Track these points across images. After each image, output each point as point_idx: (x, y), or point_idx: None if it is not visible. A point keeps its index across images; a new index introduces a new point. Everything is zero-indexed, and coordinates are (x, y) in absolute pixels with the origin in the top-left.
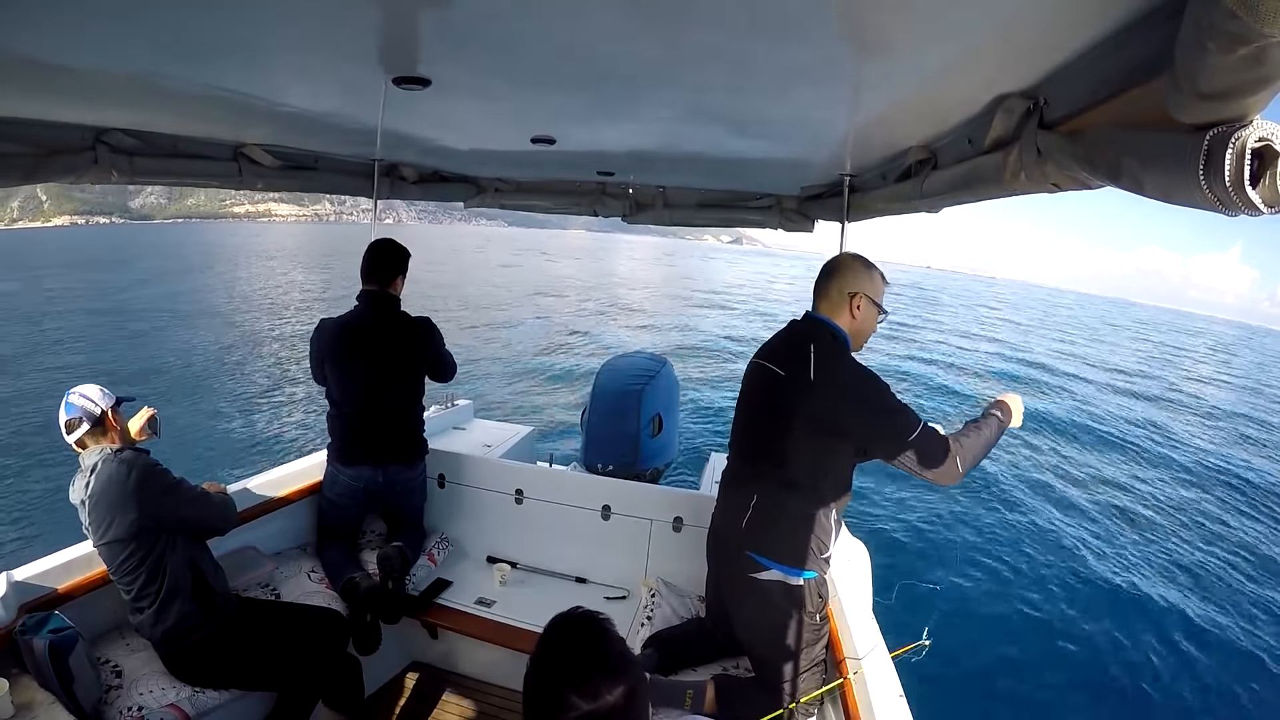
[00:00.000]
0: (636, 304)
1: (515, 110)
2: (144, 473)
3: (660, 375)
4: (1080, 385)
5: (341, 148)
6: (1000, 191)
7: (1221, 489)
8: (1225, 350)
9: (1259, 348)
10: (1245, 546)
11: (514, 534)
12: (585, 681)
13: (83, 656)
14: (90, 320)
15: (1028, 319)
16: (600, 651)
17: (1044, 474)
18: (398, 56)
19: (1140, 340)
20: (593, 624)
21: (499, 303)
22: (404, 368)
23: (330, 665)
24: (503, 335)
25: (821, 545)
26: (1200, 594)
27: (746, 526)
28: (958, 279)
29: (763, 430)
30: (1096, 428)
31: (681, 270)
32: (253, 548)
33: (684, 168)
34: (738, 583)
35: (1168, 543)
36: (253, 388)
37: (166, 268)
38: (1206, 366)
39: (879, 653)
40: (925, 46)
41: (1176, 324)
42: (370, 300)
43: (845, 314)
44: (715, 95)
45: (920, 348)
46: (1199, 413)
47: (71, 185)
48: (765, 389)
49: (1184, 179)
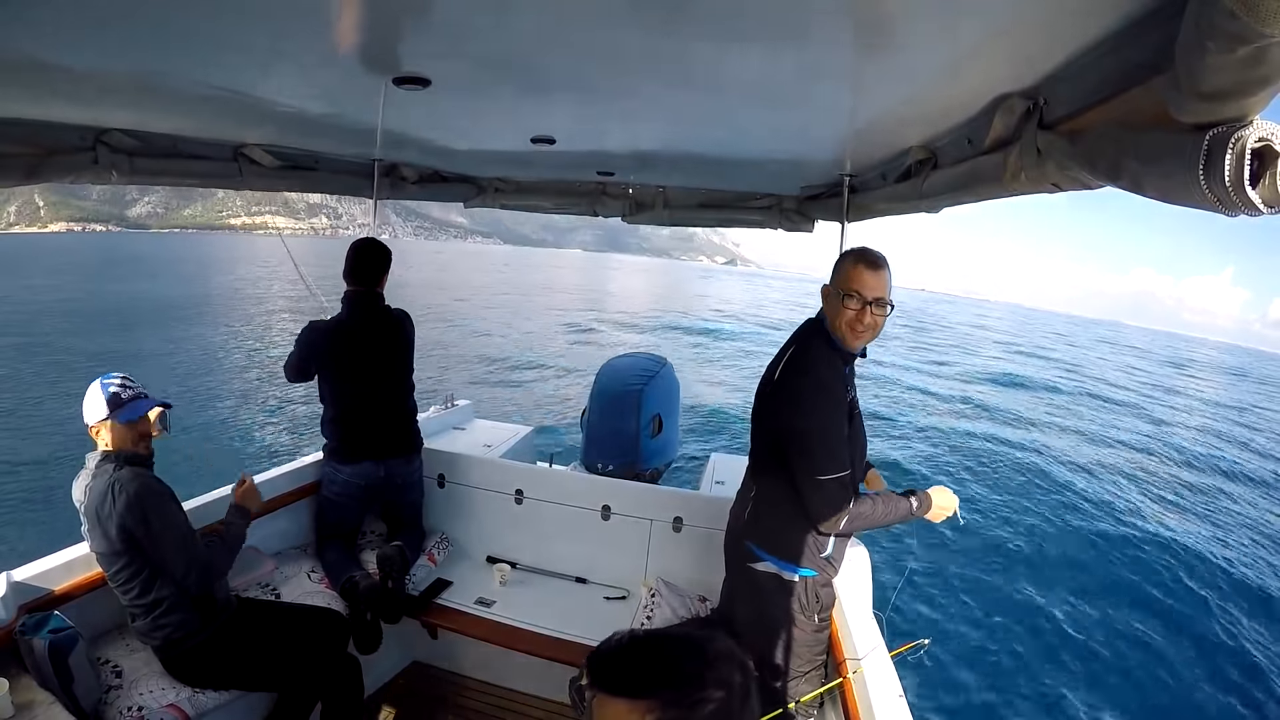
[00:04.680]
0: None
1: (515, 110)
2: (137, 499)
3: (660, 375)
4: (1072, 394)
5: (341, 148)
6: (1000, 191)
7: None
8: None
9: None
10: (1253, 542)
11: (514, 534)
12: (708, 654)
13: (83, 656)
14: (87, 321)
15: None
16: (675, 634)
17: (1046, 474)
18: (398, 56)
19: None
20: (635, 637)
21: (499, 302)
22: (396, 363)
23: (330, 665)
24: (503, 335)
25: (819, 544)
26: (1203, 595)
27: (747, 518)
28: (952, 301)
29: (753, 429)
30: (1094, 429)
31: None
32: (253, 548)
33: (684, 168)
34: (738, 575)
35: (1170, 543)
36: (249, 388)
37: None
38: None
39: (879, 652)
40: (925, 46)
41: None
42: (360, 300)
43: (826, 309)
44: (715, 95)
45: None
46: (1190, 418)
47: (68, 191)
48: (759, 387)
49: (1184, 179)
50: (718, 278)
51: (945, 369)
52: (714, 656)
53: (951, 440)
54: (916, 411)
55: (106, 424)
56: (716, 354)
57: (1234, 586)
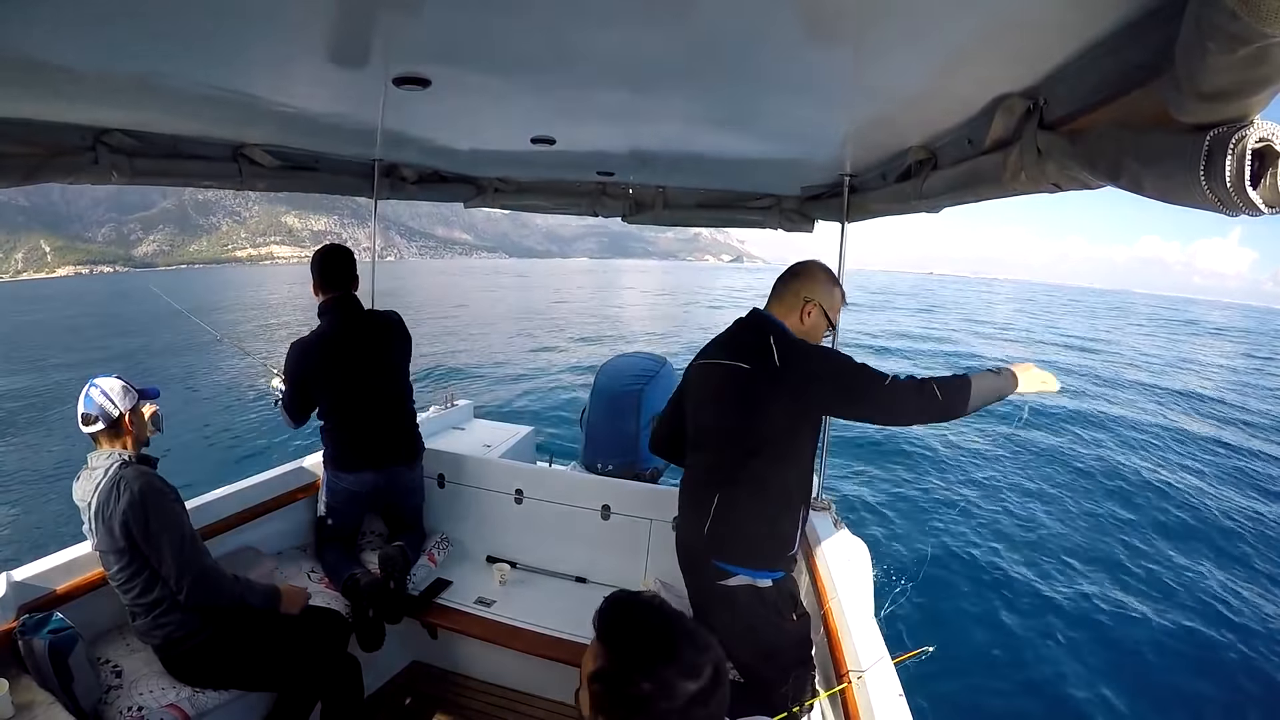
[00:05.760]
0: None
1: (515, 110)
2: (140, 497)
3: (660, 375)
4: (1084, 384)
5: (341, 148)
6: (1000, 191)
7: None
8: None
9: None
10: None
11: (514, 534)
12: (683, 660)
13: (82, 656)
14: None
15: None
16: (681, 627)
17: (1051, 475)
18: (398, 56)
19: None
20: (656, 605)
21: (500, 301)
22: (390, 366)
23: (330, 665)
24: (503, 335)
25: (785, 543)
26: (1207, 600)
27: (709, 532)
28: (959, 283)
29: (725, 427)
30: (1108, 430)
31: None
32: (253, 548)
33: (684, 168)
34: (708, 592)
35: (1175, 546)
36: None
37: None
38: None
39: (881, 658)
40: (925, 47)
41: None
42: (341, 306)
43: (795, 317)
44: (715, 96)
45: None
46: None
47: (74, 235)
48: (726, 385)
49: (1184, 179)
50: (727, 274)
51: (948, 349)
52: (679, 660)
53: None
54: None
55: (106, 435)
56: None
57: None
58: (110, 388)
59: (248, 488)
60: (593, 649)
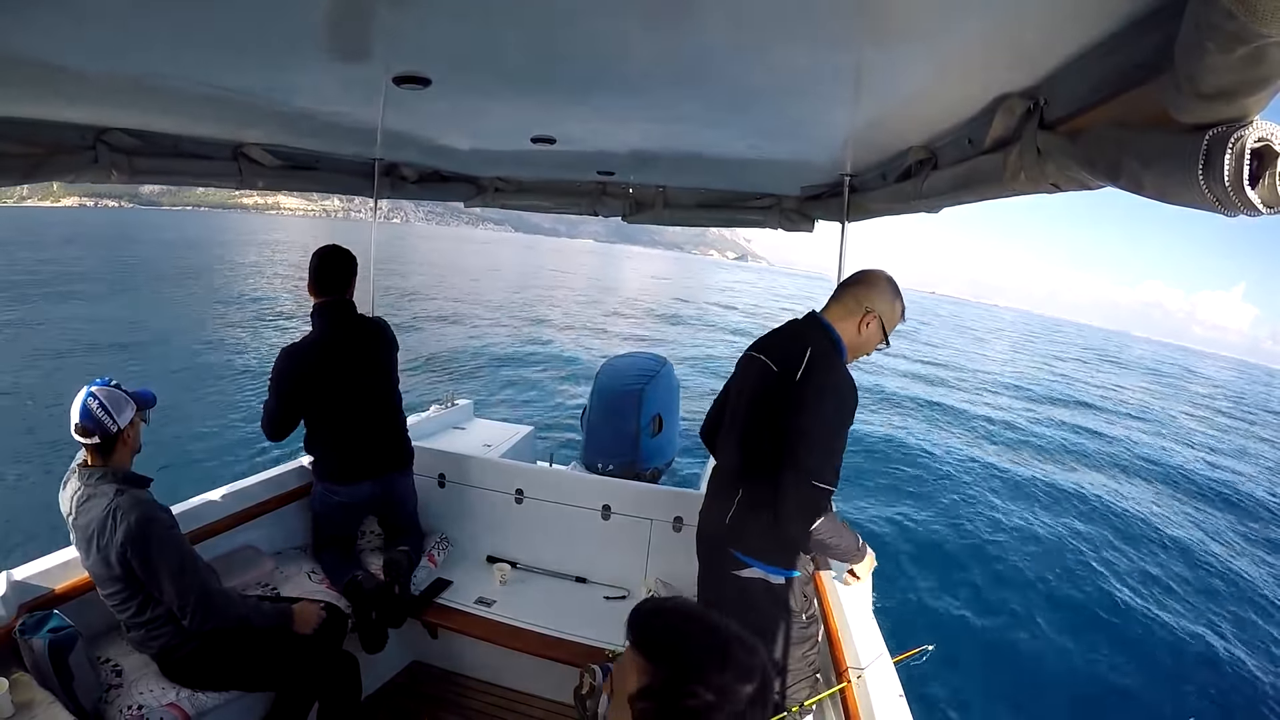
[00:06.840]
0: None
1: (515, 110)
2: (139, 528)
3: (660, 375)
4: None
5: (342, 147)
6: (1000, 191)
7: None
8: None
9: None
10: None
11: (514, 534)
12: (739, 663)
13: (82, 655)
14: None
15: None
16: (729, 631)
17: (1050, 480)
18: (398, 56)
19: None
20: (697, 612)
21: (500, 301)
22: (383, 371)
23: (328, 664)
24: (503, 335)
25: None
26: (1206, 602)
27: (730, 523)
28: (961, 304)
29: (751, 424)
30: (1102, 443)
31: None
32: (253, 547)
33: (684, 168)
34: (722, 582)
35: (1177, 549)
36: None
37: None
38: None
39: (880, 656)
40: (925, 46)
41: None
42: (335, 312)
43: (852, 326)
44: (715, 95)
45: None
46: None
47: None
48: (757, 382)
49: (1183, 179)
50: (730, 273)
51: (953, 373)
52: (733, 663)
53: (960, 434)
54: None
55: (99, 451)
56: (724, 351)
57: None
58: (109, 399)
59: (248, 486)
60: (632, 665)
